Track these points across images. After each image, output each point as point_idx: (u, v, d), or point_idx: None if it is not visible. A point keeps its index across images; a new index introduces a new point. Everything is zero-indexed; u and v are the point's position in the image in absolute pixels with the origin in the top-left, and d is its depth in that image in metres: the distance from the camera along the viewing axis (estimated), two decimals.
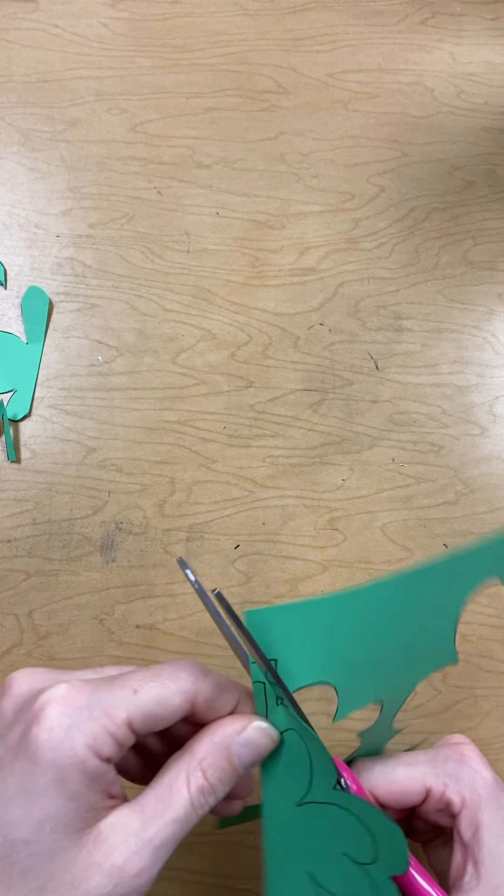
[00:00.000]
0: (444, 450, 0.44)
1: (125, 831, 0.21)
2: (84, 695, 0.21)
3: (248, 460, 0.43)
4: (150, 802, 0.22)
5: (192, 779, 0.22)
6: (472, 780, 0.26)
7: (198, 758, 0.22)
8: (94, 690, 0.21)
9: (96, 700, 0.21)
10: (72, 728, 0.20)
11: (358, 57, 0.51)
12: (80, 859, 0.20)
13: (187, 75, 0.50)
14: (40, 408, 0.43)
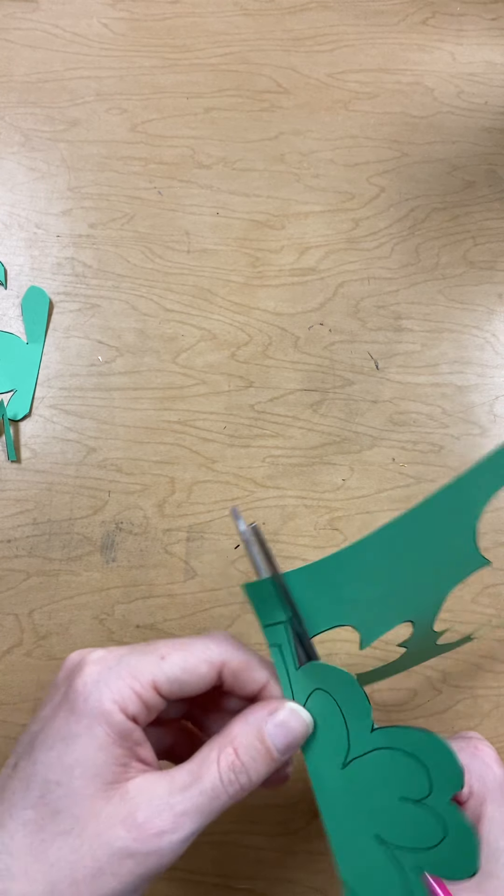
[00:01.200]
0: (444, 450, 0.44)
1: (150, 793, 0.22)
2: (115, 657, 0.23)
3: (248, 460, 0.43)
4: (181, 774, 0.23)
5: (223, 755, 0.23)
6: (482, 773, 0.26)
7: (231, 736, 0.23)
8: (126, 655, 0.23)
9: (125, 662, 0.23)
10: (100, 683, 0.22)
11: (358, 57, 0.51)
12: (105, 811, 0.21)
13: (187, 75, 0.50)
14: (40, 408, 0.43)
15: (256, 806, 0.38)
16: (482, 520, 0.42)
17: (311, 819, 0.38)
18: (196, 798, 0.22)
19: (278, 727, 0.23)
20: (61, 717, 0.22)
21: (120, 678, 0.22)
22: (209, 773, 0.22)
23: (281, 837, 0.38)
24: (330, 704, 0.24)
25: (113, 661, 0.23)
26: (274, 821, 0.38)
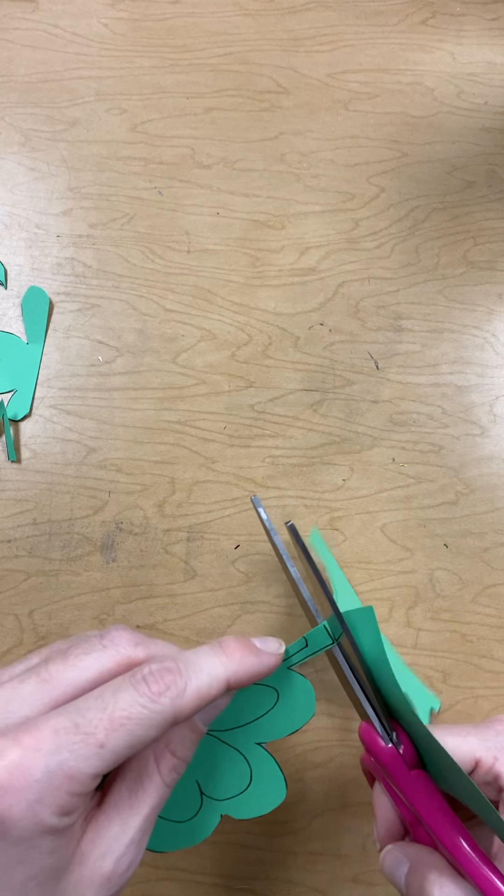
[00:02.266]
0: (444, 450, 0.44)
1: (105, 838, 0.21)
2: (40, 759, 0.19)
3: (248, 460, 0.43)
4: (123, 798, 0.22)
5: (161, 762, 0.22)
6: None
7: (164, 741, 0.23)
8: (53, 752, 0.19)
9: (56, 766, 0.19)
10: (34, 803, 0.19)
11: (358, 57, 0.51)
12: (70, 885, 0.20)
13: (187, 75, 0.50)
14: (41, 408, 0.43)
15: None
16: (482, 520, 0.42)
17: (312, 819, 0.38)
18: (147, 813, 0.22)
19: (206, 713, 0.24)
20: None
21: (52, 789, 0.19)
22: (153, 785, 0.22)
23: (281, 837, 0.38)
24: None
25: (37, 767, 0.19)
26: (274, 821, 0.38)
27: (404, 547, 0.42)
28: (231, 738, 0.28)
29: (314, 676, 0.39)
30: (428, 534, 0.42)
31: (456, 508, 0.42)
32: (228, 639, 0.24)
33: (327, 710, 0.39)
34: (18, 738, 0.19)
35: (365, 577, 0.41)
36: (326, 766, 0.38)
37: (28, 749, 0.19)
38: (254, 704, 0.28)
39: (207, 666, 0.22)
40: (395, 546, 0.42)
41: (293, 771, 0.38)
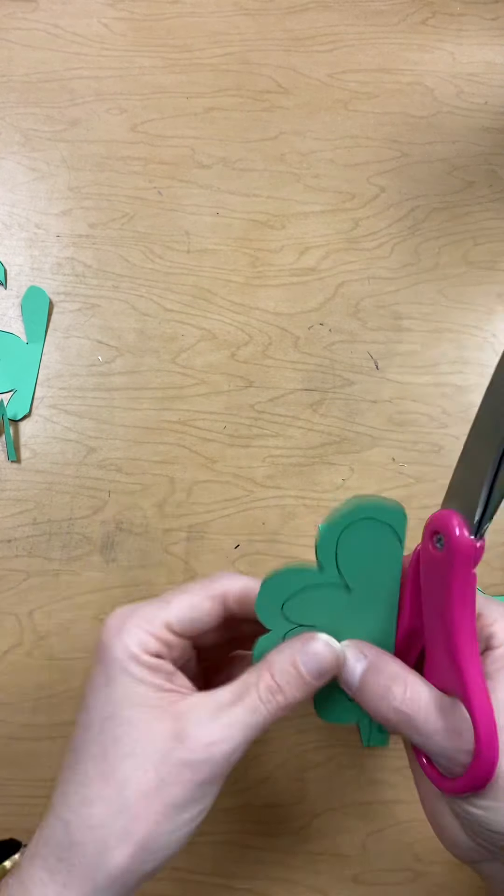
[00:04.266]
0: (444, 450, 0.44)
1: (198, 711, 0.25)
2: (130, 610, 0.27)
3: (248, 460, 0.43)
4: (224, 693, 0.26)
5: (261, 678, 0.26)
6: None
7: (269, 663, 0.26)
8: (139, 606, 0.27)
9: (137, 613, 0.27)
10: (119, 633, 0.26)
11: (358, 57, 0.51)
12: (159, 730, 0.24)
13: (187, 75, 0.50)
14: (40, 408, 0.43)
15: (256, 806, 0.38)
16: None
17: (311, 819, 0.38)
18: (240, 713, 0.25)
19: (307, 654, 0.26)
20: (98, 670, 0.26)
21: (135, 626, 0.26)
22: (249, 692, 0.25)
23: (281, 837, 0.38)
24: (303, 595, 0.27)
25: (127, 613, 0.27)
26: (274, 821, 0.38)
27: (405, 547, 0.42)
28: None
29: None
30: None
31: None
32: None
33: None
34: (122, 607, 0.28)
35: None
36: (326, 766, 0.38)
37: (127, 606, 0.28)
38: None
39: (248, 578, 0.29)
40: None
41: (293, 771, 0.38)
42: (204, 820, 0.25)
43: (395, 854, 0.37)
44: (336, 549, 0.27)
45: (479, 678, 0.24)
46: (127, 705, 0.25)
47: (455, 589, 0.25)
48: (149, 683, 0.25)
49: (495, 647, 0.27)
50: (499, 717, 0.24)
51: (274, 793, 0.38)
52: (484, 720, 0.23)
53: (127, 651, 0.26)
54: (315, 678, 0.26)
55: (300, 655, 0.26)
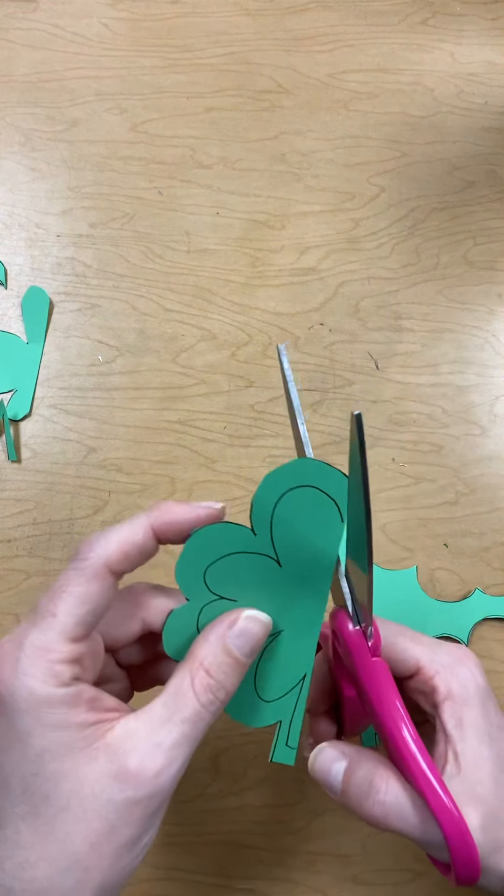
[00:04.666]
0: (444, 450, 0.44)
1: (134, 738, 0.22)
2: (16, 644, 0.22)
3: (248, 460, 0.43)
4: (157, 709, 0.22)
5: (196, 679, 0.23)
6: (464, 679, 0.27)
7: (199, 659, 0.23)
8: (24, 635, 0.22)
9: (27, 640, 0.22)
10: (16, 673, 0.22)
11: (358, 57, 0.51)
12: (94, 773, 0.21)
13: (187, 75, 0.50)
14: (41, 408, 0.43)
15: (256, 806, 0.38)
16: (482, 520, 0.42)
17: (312, 819, 0.38)
18: (180, 728, 0.22)
19: (240, 637, 0.24)
20: (2, 725, 0.22)
21: (31, 662, 0.22)
22: (187, 700, 0.22)
23: (281, 837, 0.38)
24: (228, 561, 0.25)
25: (13, 647, 0.22)
26: (274, 821, 0.38)
27: (404, 547, 0.42)
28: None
29: None
30: (428, 534, 0.42)
31: (456, 508, 0.42)
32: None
33: None
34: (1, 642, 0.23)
35: None
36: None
37: (7, 641, 0.23)
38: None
39: (129, 521, 0.24)
40: (396, 546, 0.42)
41: (293, 771, 0.38)
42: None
43: (395, 854, 0.37)
44: (272, 514, 0.24)
45: (428, 775, 0.23)
46: (49, 758, 0.21)
47: (366, 681, 0.25)
48: (70, 726, 0.22)
49: (441, 702, 0.26)
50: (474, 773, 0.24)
51: (274, 793, 0.38)
52: (448, 822, 0.22)
53: (34, 698, 0.21)
54: (248, 658, 0.24)
55: (231, 639, 0.24)
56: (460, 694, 0.26)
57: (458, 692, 0.26)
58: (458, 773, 0.24)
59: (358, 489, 0.22)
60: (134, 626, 0.26)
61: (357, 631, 0.25)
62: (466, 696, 0.26)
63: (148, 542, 0.24)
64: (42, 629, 0.22)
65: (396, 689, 0.25)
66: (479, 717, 0.26)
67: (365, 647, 0.25)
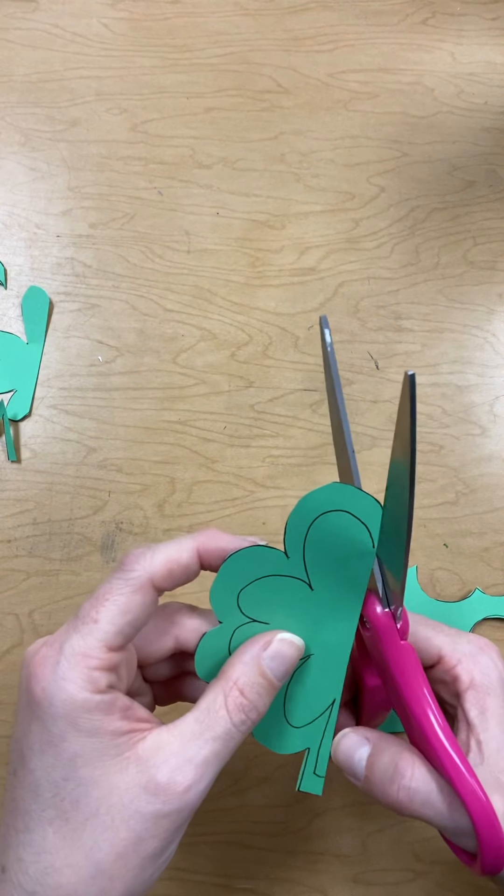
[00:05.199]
0: (444, 450, 0.44)
1: (165, 752, 0.22)
2: (56, 649, 0.23)
3: (248, 460, 0.43)
4: (190, 725, 0.23)
5: (229, 698, 0.23)
6: (486, 667, 0.27)
7: (232, 679, 0.23)
8: (64, 640, 0.23)
9: (68, 649, 0.22)
10: (55, 678, 0.22)
11: (358, 57, 0.51)
12: (124, 782, 0.21)
13: (187, 75, 0.50)
14: (40, 408, 0.43)
15: (256, 806, 0.38)
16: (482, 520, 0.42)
17: (312, 819, 0.38)
18: (210, 745, 0.22)
19: (275, 659, 0.24)
20: (36, 728, 0.22)
21: (72, 665, 0.22)
22: (219, 718, 0.23)
23: (281, 837, 0.38)
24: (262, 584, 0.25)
25: (54, 651, 0.23)
26: (274, 821, 0.38)
27: None
28: None
29: None
30: (428, 534, 0.42)
31: (456, 508, 0.42)
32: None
33: None
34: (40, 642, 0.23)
35: None
36: None
37: (46, 644, 0.23)
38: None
39: (176, 541, 0.25)
40: None
41: (293, 771, 0.38)
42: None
43: (395, 854, 0.37)
44: (305, 538, 0.25)
45: (456, 760, 0.23)
46: (81, 764, 0.21)
47: (393, 665, 0.25)
48: (103, 733, 0.22)
49: (464, 691, 0.26)
50: (498, 761, 0.24)
51: (274, 793, 0.38)
52: (477, 807, 0.22)
53: (72, 702, 0.22)
54: (281, 680, 0.24)
55: (266, 661, 0.24)
56: (483, 683, 0.26)
57: (481, 681, 0.26)
58: (482, 761, 0.24)
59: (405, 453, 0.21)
60: (167, 643, 0.26)
61: (386, 613, 0.25)
62: (489, 686, 0.26)
63: (192, 564, 0.25)
64: (83, 634, 0.23)
65: (424, 674, 0.25)
66: (501, 706, 0.26)
67: (394, 629, 0.25)
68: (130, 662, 0.25)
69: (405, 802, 0.24)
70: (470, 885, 0.37)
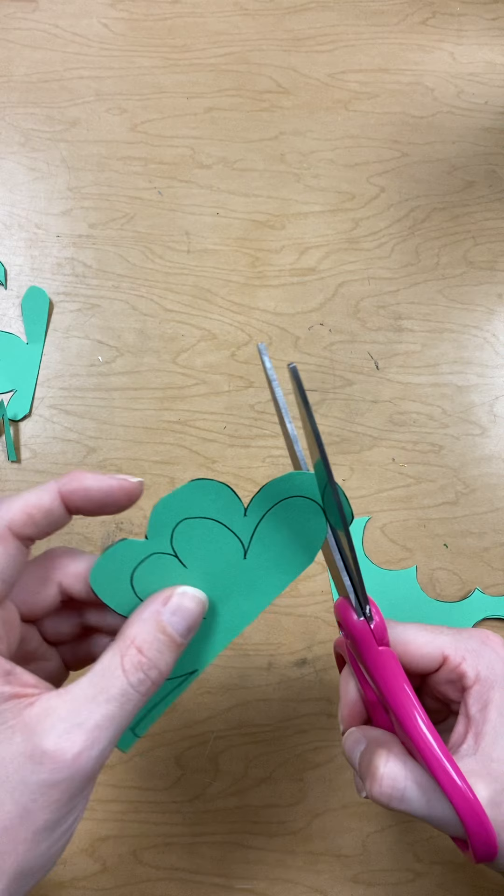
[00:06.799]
0: (444, 450, 0.44)
1: (53, 717, 0.20)
2: None
3: (248, 460, 0.43)
4: (83, 688, 0.21)
5: (126, 657, 0.22)
6: (490, 660, 0.26)
7: (130, 637, 0.22)
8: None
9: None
10: None
11: (358, 57, 0.51)
12: (9, 752, 0.20)
13: (187, 75, 0.50)
14: (40, 408, 0.43)
15: (256, 806, 0.38)
16: (482, 520, 0.41)
17: (312, 819, 0.38)
18: (105, 707, 0.21)
19: (175, 614, 0.23)
20: None
21: None
22: (114, 679, 0.21)
23: (281, 837, 0.38)
24: (205, 524, 0.24)
25: None
26: (274, 821, 0.38)
27: (404, 547, 0.42)
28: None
29: (314, 676, 0.39)
30: (428, 534, 0.42)
31: (456, 508, 0.42)
32: None
33: (327, 710, 0.39)
34: None
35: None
36: (326, 766, 0.38)
37: None
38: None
39: (37, 487, 0.24)
40: (395, 546, 0.42)
41: (293, 771, 0.38)
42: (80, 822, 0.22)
43: (395, 854, 0.37)
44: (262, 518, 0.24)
45: (437, 754, 0.23)
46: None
47: (374, 669, 0.25)
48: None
49: (470, 686, 0.26)
50: (493, 750, 0.24)
51: (274, 793, 0.38)
52: (460, 800, 0.23)
53: None
54: (186, 637, 0.23)
55: (166, 616, 0.23)
56: (487, 676, 0.26)
57: (486, 675, 0.26)
58: (476, 751, 0.24)
59: (310, 434, 0.22)
60: (50, 591, 0.25)
61: (362, 622, 0.25)
62: (493, 678, 0.26)
63: (56, 508, 0.24)
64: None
65: (405, 674, 0.25)
66: (503, 696, 0.26)
67: (371, 636, 0.25)
68: (9, 621, 0.23)
69: (383, 799, 0.24)
70: (470, 885, 0.37)
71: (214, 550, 0.24)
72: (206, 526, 0.24)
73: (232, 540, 0.24)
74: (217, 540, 0.24)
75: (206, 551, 0.24)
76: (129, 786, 0.38)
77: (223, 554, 0.24)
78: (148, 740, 0.38)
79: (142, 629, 0.22)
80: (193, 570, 0.24)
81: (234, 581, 0.25)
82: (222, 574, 0.25)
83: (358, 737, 0.26)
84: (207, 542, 0.24)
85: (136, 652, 0.22)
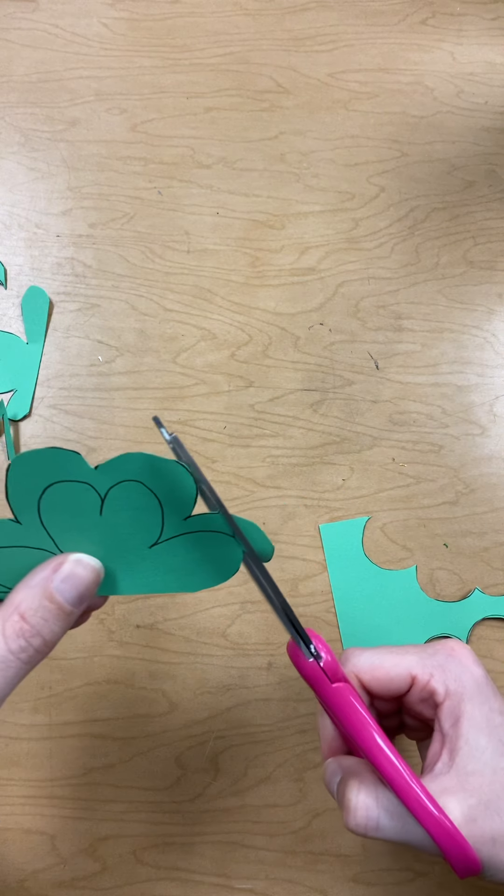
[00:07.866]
0: (444, 450, 0.44)
1: None
2: None
3: (248, 460, 0.43)
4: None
5: (8, 623, 0.21)
6: (458, 673, 0.26)
7: (14, 603, 0.22)
8: None
9: None
10: None
11: (358, 57, 0.51)
12: None
13: (187, 75, 0.50)
14: (40, 408, 0.43)
15: (256, 806, 0.38)
16: (482, 520, 0.41)
17: (312, 819, 0.38)
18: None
19: (66, 581, 0.22)
20: None
21: None
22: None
23: (281, 837, 0.38)
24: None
25: None
26: (274, 821, 0.38)
27: (404, 547, 0.42)
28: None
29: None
30: (428, 534, 0.42)
31: (456, 508, 0.42)
32: None
33: None
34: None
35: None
36: None
37: None
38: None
39: None
40: (395, 546, 0.42)
41: (293, 771, 0.38)
42: None
43: (395, 854, 0.37)
44: (118, 482, 0.22)
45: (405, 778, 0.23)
46: None
47: (331, 708, 0.25)
48: None
49: (441, 702, 0.26)
50: (468, 764, 0.24)
51: (274, 793, 0.38)
52: (430, 822, 0.22)
53: None
54: (77, 604, 0.22)
55: (56, 584, 0.22)
56: (456, 690, 0.26)
57: (454, 688, 0.26)
58: (451, 767, 0.24)
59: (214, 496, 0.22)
60: None
61: (312, 663, 0.25)
62: (462, 691, 0.26)
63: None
64: None
65: (362, 700, 0.25)
66: (476, 708, 0.25)
67: (322, 676, 0.25)
68: None
69: (360, 830, 0.24)
70: (470, 885, 0.37)
71: (76, 510, 0.23)
72: (68, 489, 0.22)
73: (91, 498, 0.23)
74: (77, 497, 0.23)
75: (74, 522, 0.23)
76: (129, 786, 0.38)
77: (85, 514, 0.23)
78: (148, 740, 0.38)
79: (27, 595, 0.22)
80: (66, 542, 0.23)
81: (137, 558, 0.24)
82: (123, 547, 0.24)
83: (334, 768, 0.26)
84: (70, 504, 0.23)
85: (18, 618, 0.21)
